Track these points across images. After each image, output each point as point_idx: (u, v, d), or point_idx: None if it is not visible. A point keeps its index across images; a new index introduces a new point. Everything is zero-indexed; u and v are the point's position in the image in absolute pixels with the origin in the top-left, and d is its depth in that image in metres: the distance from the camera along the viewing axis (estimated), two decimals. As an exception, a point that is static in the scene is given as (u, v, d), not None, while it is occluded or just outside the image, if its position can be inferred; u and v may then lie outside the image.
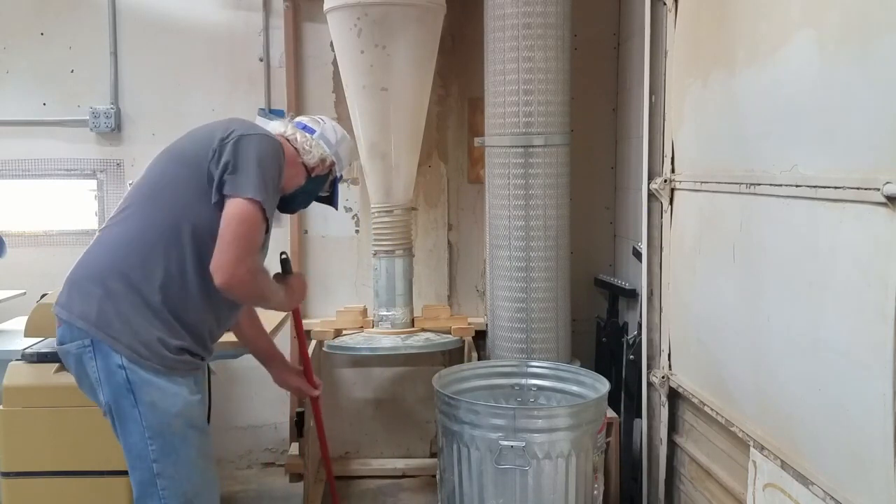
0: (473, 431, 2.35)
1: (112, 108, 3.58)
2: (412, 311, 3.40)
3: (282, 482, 3.49)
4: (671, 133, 2.69)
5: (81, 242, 1.99)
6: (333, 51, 3.32)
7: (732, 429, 2.21)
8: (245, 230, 1.86)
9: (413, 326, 3.36)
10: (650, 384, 2.86)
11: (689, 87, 2.52)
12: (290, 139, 2.10)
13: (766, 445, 1.99)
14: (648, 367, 2.88)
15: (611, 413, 2.74)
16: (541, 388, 2.79)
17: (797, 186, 1.83)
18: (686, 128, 2.58)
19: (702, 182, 2.43)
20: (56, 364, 2.36)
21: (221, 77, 3.62)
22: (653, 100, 2.80)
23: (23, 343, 2.62)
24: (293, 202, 2.18)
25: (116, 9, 3.58)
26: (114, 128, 3.58)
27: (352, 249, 3.72)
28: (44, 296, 2.78)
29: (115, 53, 3.59)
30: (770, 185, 1.96)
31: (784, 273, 1.91)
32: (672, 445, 2.77)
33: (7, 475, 2.47)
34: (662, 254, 2.79)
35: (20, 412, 2.46)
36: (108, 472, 2.43)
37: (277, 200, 2.02)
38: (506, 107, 2.94)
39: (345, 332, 3.38)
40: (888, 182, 1.47)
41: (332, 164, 2.19)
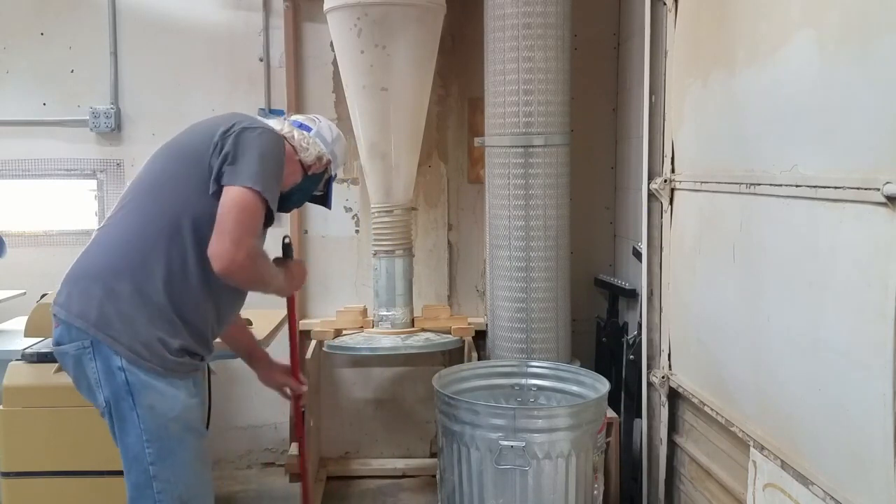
0: (473, 431, 2.35)
1: (112, 108, 3.58)
2: (412, 311, 3.40)
3: (282, 482, 3.47)
4: (671, 133, 2.69)
5: (81, 242, 1.98)
6: (333, 51, 3.32)
7: (732, 429, 2.21)
8: (244, 216, 1.84)
9: (413, 326, 3.35)
10: (650, 384, 2.86)
11: (689, 87, 2.52)
12: (288, 137, 2.09)
13: (766, 445, 1.99)
14: (648, 367, 2.88)
15: (611, 413, 2.74)
16: (541, 388, 2.79)
17: (797, 186, 1.83)
18: (686, 128, 2.58)
19: (702, 182, 2.43)
20: (56, 364, 2.35)
21: (221, 77, 3.62)
22: (653, 100, 2.80)
23: (23, 343, 2.62)
24: (289, 200, 2.17)
25: (116, 9, 3.58)
26: (114, 128, 3.58)
27: (352, 249, 3.71)
28: (44, 296, 2.78)
29: (115, 53, 3.59)
30: (770, 185, 1.96)
31: (784, 273, 1.91)
32: (672, 445, 2.77)
33: (7, 475, 2.47)
34: (662, 254, 2.79)
35: (20, 412, 2.46)
36: (108, 472, 2.43)
37: (278, 194, 1.99)
38: (506, 107, 2.94)
39: (345, 332, 3.38)
40: (888, 182, 1.47)
41: (328, 163, 2.18)
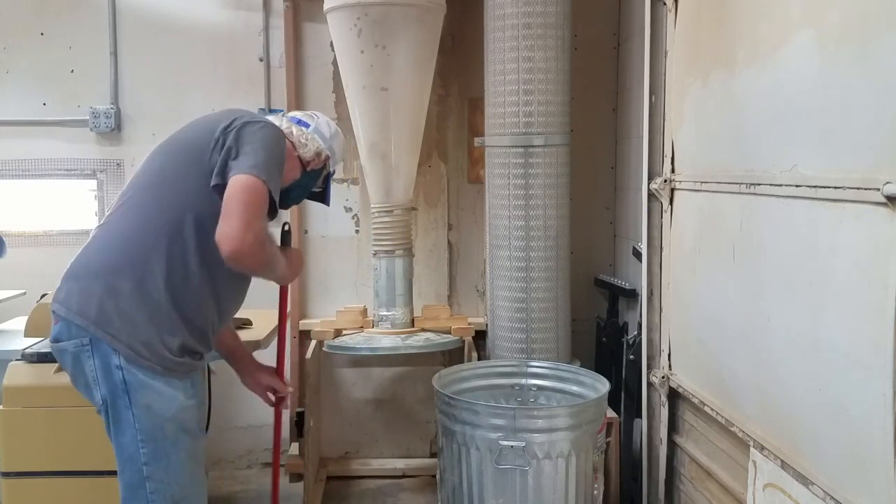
0: (473, 431, 2.35)
1: (112, 108, 3.58)
2: (412, 311, 3.39)
3: (282, 482, 3.47)
4: (671, 133, 2.69)
5: (81, 242, 1.98)
6: (333, 51, 3.32)
7: (732, 429, 2.21)
8: (251, 200, 1.81)
9: (413, 326, 3.35)
10: (650, 384, 2.86)
11: (689, 87, 2.52)
12: (286, 133, 2.08)
13: (766, 445, 1.99)
14: (648, 367, 2.88)
15: (611, 413, 2.74)
16: (541, 388, 2.79)
17: (797, 186, 1.83)
18: (686, 128, 2.58)
19: (702, 182, 2.43)
20: (56, 364, 2.35)
21: (221, 77, 3.62)
22: (653, 100, 2.80)
23: (23, 343, 2.62)
24: (288, 197, 2.16)
25: (116, 9, 3.58)
26: (114, 128, 3.58)
27: (352, 249, 3.71)
28: (44, 296, 2.78)
29: (115, 53, 3.59)
30: (770, 185, 1.96)
31: (784, 273, 1.91)
32: (672, 445, 2.77)
33: (7, 475, 2.47)
34: (662, 254, 2.79)
35: (20, 412, 2.46)
36: (108, 473, 2.40)
37: (280, 186, 1.97)
38: (506, 107, 2.94)
39: (345, 332, 3.38)
40: (888, 182, 1.47)
41: (327, 159, 2.18)
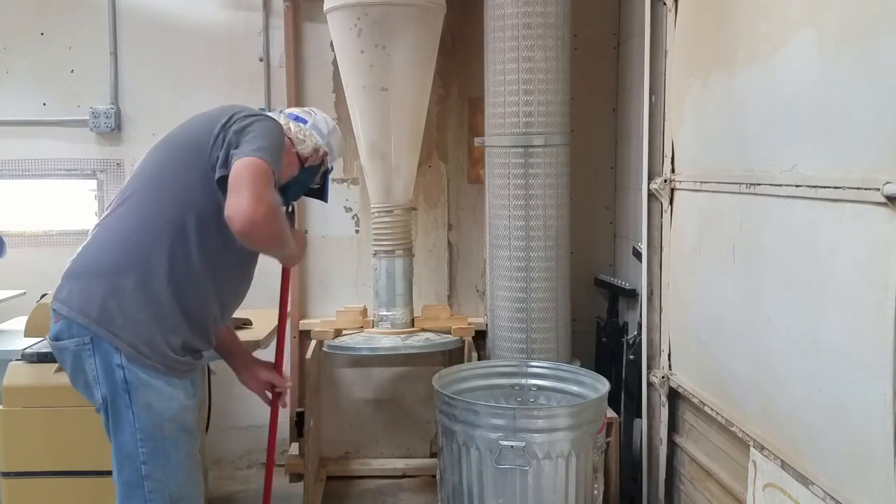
0: (473, 431, 2.35)
1: (112, 108, 3.58)
2: (412, 311, 3.39)
3: (282, 482, 3.48)
4: (671, 133, 2.69)
5: (81, 242, 1.97)
6: (333, 51, 3.32)
7: (732, 429, 2.21)
8: (256, 174, 1.78)
9: (413, 326, 3.35)
10: (650, 384, 2.86)
11: (689, 87, 2.52)
12: (284, 129, 2.08)
13: (766, 445, 1.99)
14: (648, 367, 2.88)
15: (611, 413, 2.74)
16: (541, 388, 2.79)
17: (797, 186, 1.83)
18: (686, 128, 2.58)
19: (702, 182, 2.43)
20: (56, 364, 2.35)
21: (221, 77, 3.62)
22: (653, 100, 2.80)
23: (23, 343, 2.62)
24: (286, 193, 2.16)
25: (116, 9, 3.58)
26: (114, 128, 3.58)
27: (352, 249, 3.71)
28: (44, 296, 2.79)
29: (115, 53, 3.59)
30: (770, 185, 1.96)
31: (784, 273, 1.91)
32: (672, 445, 2.77)
33: (7, 475, 2.47)
34: (662, 254, 2.79)
35: (20, 412, 2.46)
36: (108, 473, 2.39)
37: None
38: (506, 107, 2.94)
39: (345, 332, 3.37)
40: (888, 182, 1.47)
41: (325, 155, 2.18)
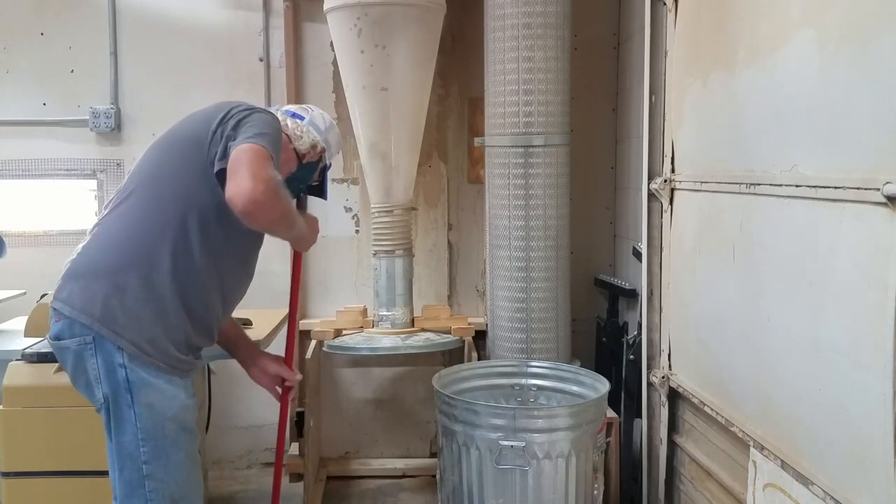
0: (473, 431, 2.35)
1: (112, 108, 3.58)
2: (412, 311, 3.39)
3: (282, 482, 3.48)
4: (671, 133, 2.69)
5: (81, 242, 1.98)
6: (333, 51, 3.32)
7: (732, 429, 2.21)
8: (254, 157, 1.76)
9: (413, 326, 3.35)
10: (650, 384, 2.86)
11: (689, 87, 2.52)
12: (282, 126, 2.08)
13: (766, 445, 1.99)
14: (648, 367, 2.88)
15: (611, 413, 2.74)
16: (541, 388, 2.79)
17: (797, 186, 1.83)
18: (686, 128, 2.58)
19: (702, 182, 2.43)
20: (56, 364, 2.35)
21: (221, 77, 3.62)
22: (653, 100, 2.80)
23: (23, 343, 2.62)
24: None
25: (116, 9, 3.58)
26: (114, 128, 3.58)
27: (352, 249, 3.72)
28: (44, 296, 2.78)
29: (115, 53, 3.59)
30: (770, 185, 1.96)
31: (784, 273, 1.91)
32: (672, 445, 2.77)
33: (7, 475, 2.46)
34: (662, 254, 2.79)
35: (20, 412, 2.46)
36: (108, 473, 2.43)
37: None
38: (506, 107, 2.94)
39: (345, 332, 3.38)
40: (888, 182, 1.47)
41: (323, 151, 2.18)
